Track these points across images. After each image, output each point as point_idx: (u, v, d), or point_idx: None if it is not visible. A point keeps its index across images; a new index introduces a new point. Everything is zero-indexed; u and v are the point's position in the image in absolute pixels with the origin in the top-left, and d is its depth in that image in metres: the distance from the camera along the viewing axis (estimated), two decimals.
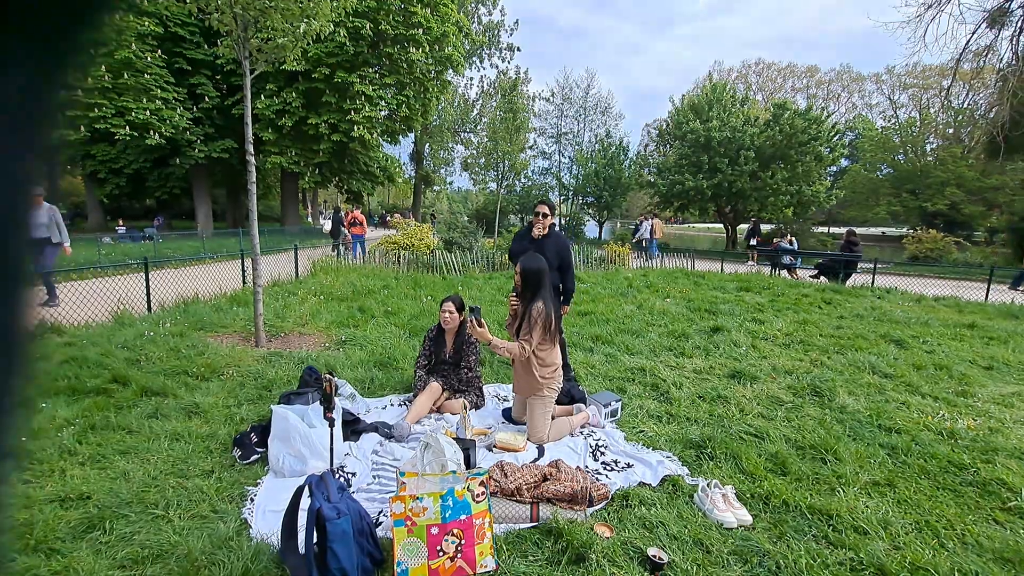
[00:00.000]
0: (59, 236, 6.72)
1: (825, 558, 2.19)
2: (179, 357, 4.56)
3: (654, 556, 2.14)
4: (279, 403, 3.38)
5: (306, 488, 2.08)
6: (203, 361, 4.45)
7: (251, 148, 4.82)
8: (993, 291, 9.56)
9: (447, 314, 3.89)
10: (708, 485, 2.63)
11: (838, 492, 2.73)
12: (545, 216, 4.17)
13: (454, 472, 2.27)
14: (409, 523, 2.04)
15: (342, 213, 15.80)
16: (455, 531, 2.05)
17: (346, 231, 14.84)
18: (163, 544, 2.15)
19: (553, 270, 4.10)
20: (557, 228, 4.41)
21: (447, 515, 2.06)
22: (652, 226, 17.92)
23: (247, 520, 2.38)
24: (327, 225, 18.35)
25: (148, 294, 6.67)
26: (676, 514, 2.51)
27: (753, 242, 19.09)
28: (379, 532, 2.25)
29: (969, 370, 4.97)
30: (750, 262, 16.88)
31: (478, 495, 2.13)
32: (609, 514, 2.52)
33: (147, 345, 4.83)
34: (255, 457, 2.92)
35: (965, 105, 29.76)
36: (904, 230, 32.36)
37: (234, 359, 4.62)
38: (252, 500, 2.55)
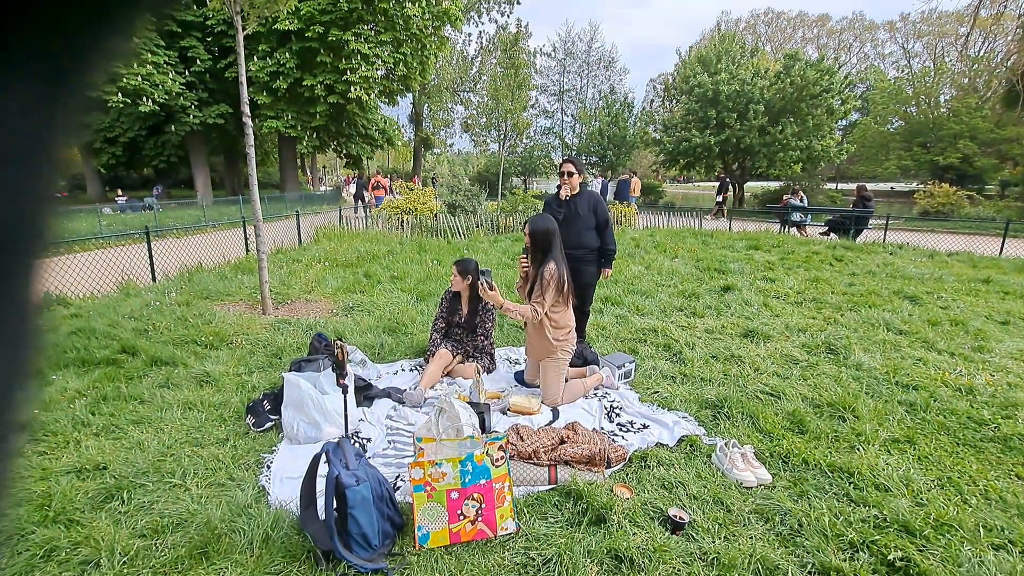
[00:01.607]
0: None
1: (848, 515, 2.17)
2: (187, 326, 4.53)
3: (675, 516, 2.12)
4: (290, 370, 3.35)
5: (323, 455, 2.05)
6: (211, 330, 4.41)
7: (247, 109, 4.64)
8: (1008, 245, 9.39)
9: (452, 277, 3.84)
10: (726, 445, 2.60)
11: (858, 450, 2.70)
12: (571, 175, 3.96)
13: (472, 437, 2.23)
14: (429, 488, 2.02)
15: (364, 179, 18.94)
16: (475, 495, 2.03)
17: (368, 193, 17.28)
18: (182, 513, 2.15)
19: (590, 229, 3.97)
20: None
21: (467, 480, 2.04)
22: (631, 183, 17.15)
23: (265, 487, 2.37)
24: (352, 188, 21.00)
25: (152, 264, 6.61)
26: (695, 474, 2.49)
27: (719, 199, 18.30)
28: (397, 497, 2.24)
29: (985, 326, 4.89)
30: (708, 216, 16.01)
31: (497, 459, 2.10)
32: (628, 475, 2.51)
33: (154, 315, 4.80)
34: (269, 424, 2.91)
35: (982, 53, 28.66)
36: (914, 185, 31.74)
37: (242, 327, 4.59)
38: (268, 467, 2.54)
